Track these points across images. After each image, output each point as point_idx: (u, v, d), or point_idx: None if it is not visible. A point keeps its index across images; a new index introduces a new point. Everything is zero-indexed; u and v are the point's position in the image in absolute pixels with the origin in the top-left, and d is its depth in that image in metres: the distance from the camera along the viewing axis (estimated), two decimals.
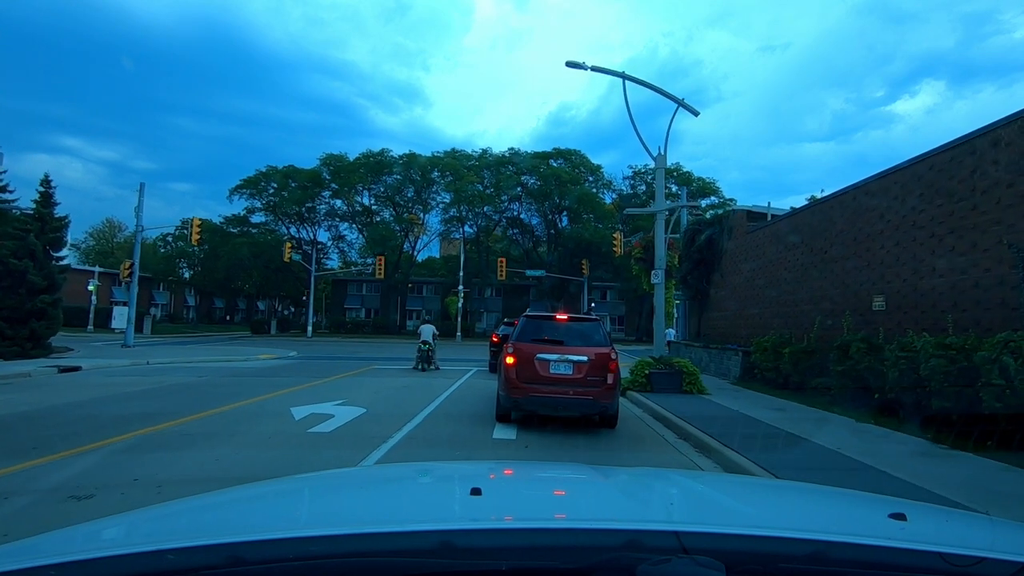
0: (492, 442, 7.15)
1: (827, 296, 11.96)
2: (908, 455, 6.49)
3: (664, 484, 1.88)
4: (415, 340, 17.83)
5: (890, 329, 9.64)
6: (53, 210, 19.02)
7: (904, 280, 9.58)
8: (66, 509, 4.19)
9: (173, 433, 7.02)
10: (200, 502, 1.54)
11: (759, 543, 1.03)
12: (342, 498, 1.57)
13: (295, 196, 47.17)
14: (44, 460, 5.52)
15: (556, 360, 7.81)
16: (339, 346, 32.55)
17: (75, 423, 7.43)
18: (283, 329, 50.84)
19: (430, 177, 48.11)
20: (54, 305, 18.12)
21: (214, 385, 12.48)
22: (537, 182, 48.16)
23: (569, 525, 1.18)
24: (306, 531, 1.09)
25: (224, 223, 51.59)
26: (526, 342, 8.10)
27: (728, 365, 15.65)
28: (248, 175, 47.87)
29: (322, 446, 6.56)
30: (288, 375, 14.94)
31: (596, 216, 49.11)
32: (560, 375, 7.76)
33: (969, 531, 1.40)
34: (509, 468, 2.42)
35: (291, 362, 19.81)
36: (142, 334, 44.70)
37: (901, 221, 9.72)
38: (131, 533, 1.28)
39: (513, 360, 7.87)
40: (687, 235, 20.46)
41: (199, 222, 27.08)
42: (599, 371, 7.75)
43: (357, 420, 8.29)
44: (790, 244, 13.84)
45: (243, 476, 5.06)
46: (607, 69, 13.88)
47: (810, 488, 2.06)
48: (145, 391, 11.01)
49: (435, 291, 57.80)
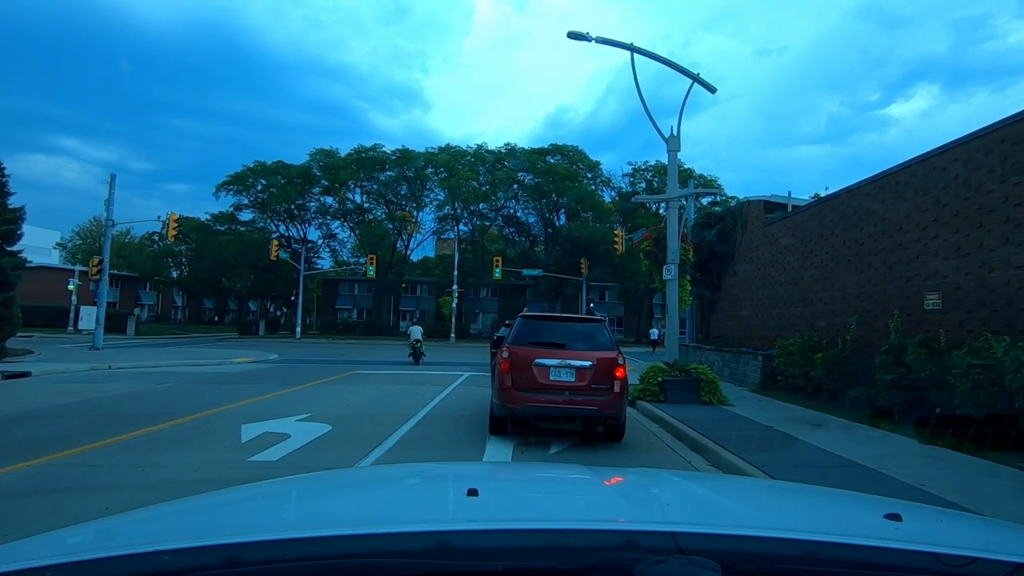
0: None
1: (865, 294, 10.51)
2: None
3: (660, 485, 1.83)
4: (408, 341, 21.26)
5: (949, 331, 8.20)
6: (6, 200, 17.38)
7: (967, 274, 8.14)
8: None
9: (62, 467, 5.44)
10: (197, 503, 1.56)
11: (755, 543, 1.03)
12: (339, 499, 1.55)
13: (284, 193, 45.40)
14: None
15: (557, 365, 6.91)
16: (327, 348, 30.99)
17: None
18: (272, 330, 49.14)
19: (424, 174, 46.51)
20: (7, 304, 16.56)
21: (167, 394, 10.96)
22: (534, 179, 46.58)
23: (566, 526, 1.15)
24: (303, 532, 1.07)
25: (211, 221, 49.73)
26: (523, 345, 7.14)
27: (745, 370, 14.20)
28: (236, 171, 46.12)
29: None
30: (258, 382, 13.41)
31: (595, 215, 47.62)
32: (561, 382, 6.85)
33: (964, 531, 1.40)
34: (506, 469, 2.54)
35: (268, 367, 18.27)
36: (125, 335, 43.31)
37: (963, 205, 8.28)
38: (128, 534, 1.25)
39: (508, 365, 6.94)
40: (695, 230, 19.06)
41: (176, 217, 25.52)
42: (605, 378, 6.87)
43: (316, 442, 6.80)
44: (817, 236, 12.40)
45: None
46: (613, 41, 12.44)
47: (806, 488, 2.07)
48: (78, 403, 9.47)
49: (429, 291, 56.10)
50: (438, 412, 9.53)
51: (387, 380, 14.45)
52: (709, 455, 6.68)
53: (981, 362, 6.80)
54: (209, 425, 7.75)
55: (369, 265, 40.80)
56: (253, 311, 71.78)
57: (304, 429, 7.49)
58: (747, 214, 16.35)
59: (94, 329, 22.96)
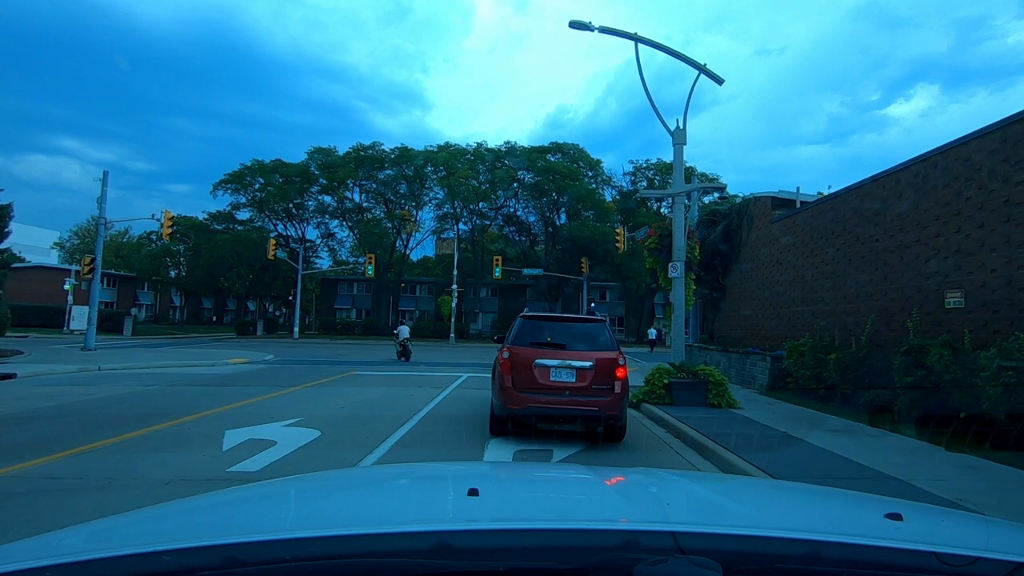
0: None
1: (880, 292, 10.08)
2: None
3: (660, 485, 1.80)
4: (396, 341, 22.98)
5: (973, 331, 7.78)
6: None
7: (993, 271, 7.71)
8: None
9: (13, 479, 5.05)
10: (197, 503, 1.55)
11: (755, 543, 1.02)
12: (339, 499, 1.53)
13: (282, 192, 44.88)
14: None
15: (557, 366, 6.90)
16: (324, 348, 30.56)
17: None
18: (270, 330, 48.66)
19: (423, 172, 46.02)
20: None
21: (155, 397, 10.53)
22: (534, 177, 46.07)
23: (566, 526, 1.15)
24: (303, 532, 1.07)
25: (209, 220, 49.21)
26: (523, 346, 7.12)
27: (753, 372, 13.77)
28: (233, 169, 45.59)
29: None
30: (250, 384, 12.99)
31: (596, 214, 47.12)
32: (562, 383, 6.85)
33: (965, 531, 1.39)
34: (506, 469, 2.48)
35: (262, 368, 17.83)
36: (122, 335, 42.94)
37: (988, 198, 7.85)
38: (128, 534, 1.25)
39: (509, 366, 6.94)
40: (699, 228, 18.64)
41: (171, 216, 25.04)
42: (605, 378, 6.87)
43: (303, 450, 6.37)
44: (828, 232, 11.97)
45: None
46: (617, 30, 12.00)
47: (807, 488, 2.04)
48: (57, 407, 9.03)
49: (429, 291, 55.62)
50: (437, 414, 9.10)
51: (382, 382, 14.02)
52: (714, 457, 6.28)
53: (1013, 364, 6.37)
54: (191, 430, 7.32)
55: (368, 265, 40.33)
56: (252, 311, 71.35)
57: (292, 435, 7.06)
58: (753, 211, 15.92)
59: (86, 329, 22.51)
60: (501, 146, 47.10)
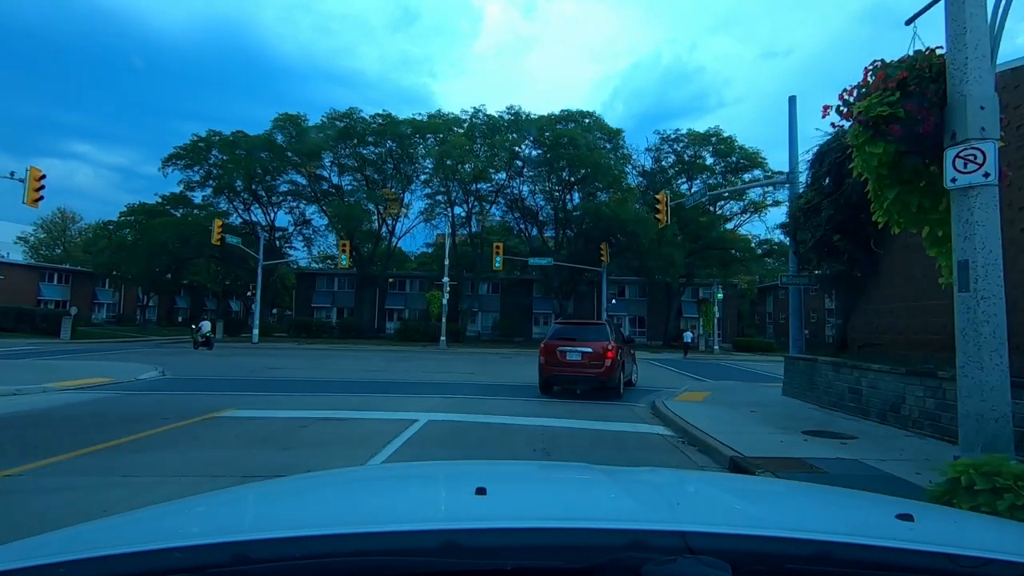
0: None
1: None
2: None
3: (669, 484, 1.78)
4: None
5: None
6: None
7: None
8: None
9: None
10: (206, 501, 1.57)
11: (765, 543, 1.01)
12: (347, 497, 1.54)
13: (244, 166, 37.55)
14: None
15: (571, 350, 11.90)
16: (267, 357, 23.32)
17: None
18: (232, 332, 41.51)
19: (412, 143, 38.85)
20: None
21: None
22: (543, 152, 38.72)
23: (574, 525, 1.15)
24: (311, 530, 1.04)
25: (163, 203, 42.07)
26: (553, 340, 12.37)
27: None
28: (185, 142, 38.40)
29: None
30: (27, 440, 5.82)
31: (615, 195, 39.72)
32: (574, 360, 11.85)
33: (977, 532, 1.38)
34: (514, 468, 2.47)
35: (102, 396, 10.67)
36: (58, 339, 36.32)
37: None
38: (138, 531, 1.24)
39: (544, 351, 12.24)
40: (812, 163, 11.45)
41: (40, 175, 18.00)
42: (600, 358, 11.63)
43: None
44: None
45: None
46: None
47: (817, 488, 2.05)
48: None
49: (421, 287, 48.25)
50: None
51: (232, 443, 6.82)
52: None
53: None
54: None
55: (341, 253, 33.22)
56: (235, 311, 64.36)
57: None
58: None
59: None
60: (503, 113, 39.71)
